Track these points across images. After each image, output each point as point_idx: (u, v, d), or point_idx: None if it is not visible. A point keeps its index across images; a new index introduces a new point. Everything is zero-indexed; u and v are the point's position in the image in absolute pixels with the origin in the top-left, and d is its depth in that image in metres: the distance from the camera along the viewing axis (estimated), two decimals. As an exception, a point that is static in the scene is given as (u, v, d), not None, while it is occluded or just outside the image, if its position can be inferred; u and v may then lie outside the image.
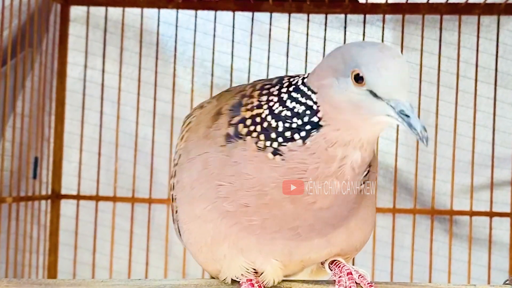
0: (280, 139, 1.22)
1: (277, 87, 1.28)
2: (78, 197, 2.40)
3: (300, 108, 1.22)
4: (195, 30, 2.36)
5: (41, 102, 2.33)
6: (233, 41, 2.35)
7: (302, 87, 1.24)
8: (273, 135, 1.22)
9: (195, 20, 2.36)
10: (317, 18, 2.38)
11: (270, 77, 2.34)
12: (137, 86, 2.37)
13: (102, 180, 2.40)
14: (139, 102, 2.36)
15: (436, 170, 2.27)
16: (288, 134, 1.22)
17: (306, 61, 2.32)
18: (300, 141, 1.20)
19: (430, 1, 2.25)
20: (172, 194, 1.42)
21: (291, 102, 1.24)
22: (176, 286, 1.43)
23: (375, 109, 1.16)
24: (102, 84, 2.38)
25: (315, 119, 1.20)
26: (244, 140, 1.24)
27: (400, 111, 1.14)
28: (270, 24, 2.34)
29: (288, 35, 2.33)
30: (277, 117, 1.23)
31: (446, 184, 2.33)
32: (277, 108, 1.24)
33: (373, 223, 1.42)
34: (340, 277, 1.37)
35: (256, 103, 1.27)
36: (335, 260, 1.40)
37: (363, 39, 2.31)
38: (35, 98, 2.31)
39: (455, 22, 2.34)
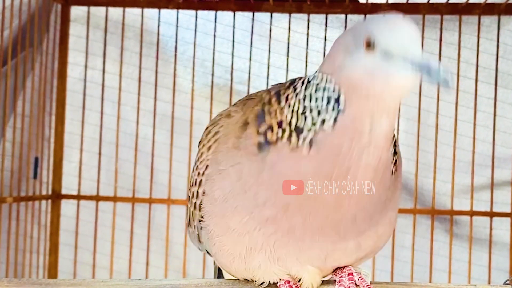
0: (310, 134, 1.22)
1: (291, 88, 1.29)
2: (78, 197, 2.40)
3: (320, 97, 1.23)
4: (195, 30, 2.36)
5: (42, 102, 2.33)
6: (233, 41, 2.35)
7: (317, 77, 1.25)
8: (302, 132, 1.23)
9: (196, 20, 2.36)
10: (318, 18, 2.38)
11: (270, 77, 2.36)
12: (138, 86, 2.37)
13: (103, 180, 2.40)
14: (139, 102, 2.36)
15: (437, 170, 2.27)
16: (316, 126, 1.22)
17: (306, 61, 2.32)
18: (329, 128, 1.21)
19: (430, 1, 2.25)
20: (195, 203, 1.40)
21: (310, 96, 1.25)
22: (176, 286, 1.43)
23: (392, 69, 1.14)
24: (103, 84, 2.38)
25: (336, 102, 1.21)
26: (276, 146, 1.25)
27: (415, 63, 1.12)
28: (271, 24, 2.34)
29: (289, 35, 2.33)
30: (301, 114, 1.24)
31: (447, 184, 2.33)
32: (298, 106, 1.25)
33: (391, 233, 1.43)
34: (341, 277, 1.38)
35: (276, 107, 1.28)
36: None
37: (364, 39, 2.31)
38: (36, 98, 2.31)
39: (455, 22, 2.34)
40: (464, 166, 2.35)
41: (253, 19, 2.36)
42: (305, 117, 1.24)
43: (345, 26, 2.33)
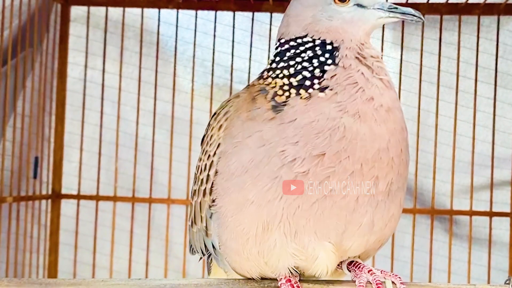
0: (316, 80, 1.31)
1: (273, 63, 1.39)
2: (78, 197, 2.40)
3: (308, 50, 1.35)
4: (195, 30, 2.36)
5: (42, 102, 2.33)
6: (233, 41, 2.35)
7: (288, 41, 1.38)
8: (309, 81, 1.32)
9: (195, 20, 2.36)
10: (317, 18, 2.37)
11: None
12: (137, 86, 2.37)
13: (102, 180, 2.40)
14: (139, 102, 2.37)
15: (436, 170, 2.27)
16: (318, 71, 1.33)
17: (306, 61, 2.32)
18: (332, 66, 1.33)
19: (430, 1, 2.25)
20: (205, 189, 1.40)
21: (296, 54, 1.36)
22: (176, 285, 1.43)
23: (367, 18, 1.37)
24: (103, 84, 2.39)
25: (324, 45, 1.35)
26: (288, 103, 1.31)
27: (388, 8, 1.37)
28: (270, 24, 2.34)
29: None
30: (300, 67, 1.34)
31: (446, 184, 2.33)
32: (289, 67, 1.35)
33: (399, 219, 1.44)
34: (360, 276, 1.38)
35: (271, 80, 1.37)
36: (353, 261, 1.42)
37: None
38: (36, 98, 2.31)
39: (455, 22, 2.34)
40: (464, 166, 2.35)
41: (252, 19, 2.36)
42: (305, 69, 1.33)
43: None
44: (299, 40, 1.37)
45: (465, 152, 2.34)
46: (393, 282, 1.38)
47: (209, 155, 1.40)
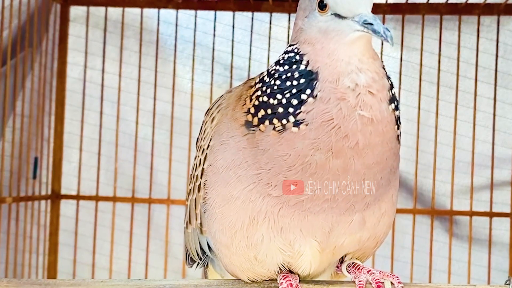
0: (292, 109, 1.25)
1: (260, 77, 1.34)
2: (78, 197, 2.40)
3: (287, 69, 1.28)
4: (195, 30, 2.36)
5: (41, 102, 2.33)
6: (233, 40, 2.35)
7: (282, 54, 1.32)
8: (284, 111, 1.25)
9: (195, 20, 2.36)
10: (317, 18, 2.37)
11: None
12: (137, 86, 2.37)
13: (102, 180, 2.40)
14: (139, 102, 2.36)
15: (436, 171, 2.27)
16: (295, 100, 1.25)
17: (306, 61, 2.31)
18: (311, 99, 1.24)
19: (430, 1, 2.25)
20: (199, 184, 1.40)
21: (277, 73, 1.29)
22: (176, 286, 1.43)
23: (343, 29, 1.24)
24: (102, 84, 2.38)
25: (304, 68, 1.26)
26: (260, 130, 1.28)
27: (363, 22, 1.22)
28: (270, 23, 2.34)
29: (288, 34, 2.32)
30: (274, 93, 1.28)
31: (446, 184, 2.33)
32: (269, 87, 1.29)
33: (393, 215, 1.42)
34: (359, 276, 1.38)
35: (251, 94, 1.32)
36: (353, 263, 1.41)
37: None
38: (35, 98, 2.31)
39: (455, 22, 2.33)
40: (464, 166, 2.35)
41: (252, 18, 2.36)
42: (281, 95, 1.27)
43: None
44: (288, 48, 1.31)
45: (465, 152, 2.34)
46: (391, 283, 1.37)
47: (203, 150, 1.41)
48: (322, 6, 1.26)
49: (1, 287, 1.44)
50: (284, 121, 1.25)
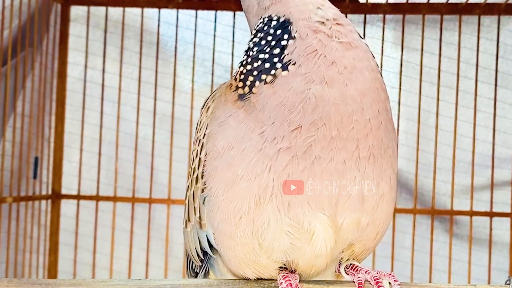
0: (277, 58, 1.30)
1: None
2: (78, 197, 2.40)
3: (262, 34, 1.34)
4: (195, 30, 2.36)
5: (41, 102, 2.33)
6: (233, 41, 2.35)
7: (254, 30, 1.38)
8: (270, 63, 1.30)
9: (196, 20, 2.36)
10: (317, 18, 2.37)
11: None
12: (137, 86, 2.37)
13: (102, 180, 2.40)
14: (139, 102, 2.36)
15: (437, 170, 2.27)
16: (277, 49, 1.30)
17: (306, 61, 2.31)
18: (291, 41, 1.30)
19: (430, 1, 2.25)
20: (197, 175, 1.40)
21: (254, 43, 1.35)
22: (176, 286, 1.42)
23: None
24: (103, 84, 2.38)
25: (276, 21, 1.32)
26: (253, 93, 1.30)
27: None
28: (270, 24, 2.33)
29: (289, 35, 2.32)
30: (256, 56, 1.32)
31: (447, 184, 2.33)
32: (250, 56, 1.34)
33: (392, 204, 1.40)
34: (358, 276, 1.38)
35: (236, 73, 1.37)
36: (351, 264, 1.41)
37: (364, 39, 2.30)
38: (36, 98, 2.31)
39: (455, 22, 2.34)
40: (464, 166, 2.35)
41: (253, 19, 2.35)
42: (258, 55, 1.31)
43: (345, 26, 2.33)
44: (257, 28, 1.37)
45: (466, 152, 2.34)
46: (389, 283, 1.37)
47: (199, 140, 1.41)
48: None
49: (1, 287, 1.44)
50: (272, 72, 1.29)
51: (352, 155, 1.28)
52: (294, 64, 1.28)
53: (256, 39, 1.35)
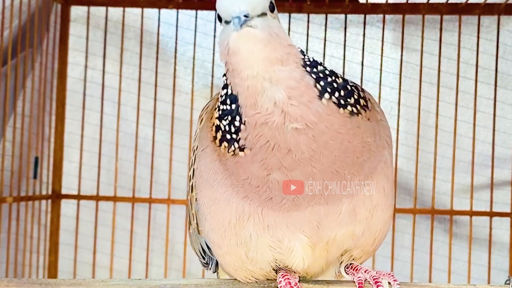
0: (235, 135, 1.25)
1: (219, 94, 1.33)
2: (78, 197, 2.40)
3: (225, 92, 1.27)
4: (195, 31, 2.36)
5: (42, 102, 2.33)
6: (233, 41, 2.35)
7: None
8: (230, 136, 1.26)
9: (196, 20, 2.36)
10: (317, 19, 2.38)
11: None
12: (138, 86, 2.37)
13: (103, 180, 2.40)
14: (139, 103, 2.37)
15: (436, 170, 2.27)
16: (233, 127, 1.25)
17: (306, 62, 2.32)
18: (242, 126, 1.23)
19: (430, 1, 2.25)
20: (192, 184, 1.42)
21: (221, 96, 1.28)
22: (176, 285, 1.43)
23: (228, 32, 1.18)
24: (103, 84, 2.39)
25: (230, 92, 1.25)
26: (221, 151, 1.29)
27: (233, 19, 1.16)
28: (271, 24, 2.34)
29: (289, 35, 2.33)
30: (221, 118, 1.28)
31: (446, 184, 2.33)
32: (219, 110, 1.29)
33: (389, 211, 1.39)
34: (359, 277, 1.38)
35: (214, 110, 1.33)
36: (351, 264, 1.41)
37: (363, 40, 2.31)
38: (36, 98, 2.31)
39: (455, 23, 2.34)
40: (464, 166, 2.36)
41: (253, 19, 2.35)
42: (225, 124, 1.26)
43: (345, 27, 2.33)
44: (222, 88, 1.30)
45: (465, 152, 2.34)
46: (388, 282, 1.37)
47: (194, 151, 1.43)
48: (220, 18, 1.23)
49: (1, 287, 1.44)
50: (232, 147, 1.25)
51: (330, 199, 1.27)
52: (250, 149, 1.23)
53: (223, 95, 1.27)
